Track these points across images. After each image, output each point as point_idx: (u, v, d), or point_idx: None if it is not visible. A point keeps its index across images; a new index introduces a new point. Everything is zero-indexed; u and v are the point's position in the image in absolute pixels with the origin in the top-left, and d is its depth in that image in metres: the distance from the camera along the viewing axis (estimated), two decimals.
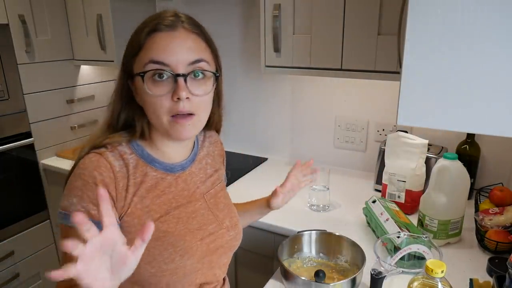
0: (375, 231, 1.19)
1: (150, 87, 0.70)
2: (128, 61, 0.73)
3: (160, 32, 0.70)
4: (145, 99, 0.72)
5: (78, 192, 0.69)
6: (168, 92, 0.70)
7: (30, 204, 1.95)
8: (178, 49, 0.70)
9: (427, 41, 0.76)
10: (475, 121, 0.76)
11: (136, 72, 0.71)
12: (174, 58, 0.69)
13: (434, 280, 0.75)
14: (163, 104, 0.70)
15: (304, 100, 1.80)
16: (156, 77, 0.69)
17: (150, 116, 0.73)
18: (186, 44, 0.71)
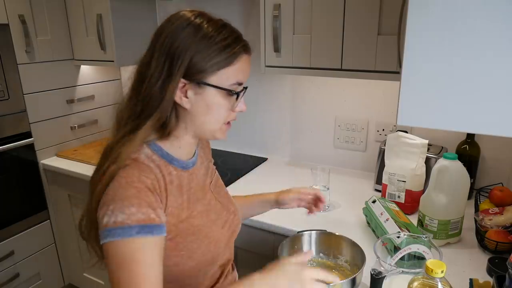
0: (375, 231, 1.19)
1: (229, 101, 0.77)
2: (203, 70, 0.73)
3: (246, 55, 0.77)
4: (212, 108, 0.76)
5: (135, 200, 0.68)
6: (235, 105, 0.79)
7: (30, 204, 1.95)
8: (249, 72, 0.80)
9: (427, 41, 0.76)
10: (475, 121, 0.76)
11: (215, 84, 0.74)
12: (246, 79, 0.79)
13: (434, 280, 0.75)
14: (226, 114, 0.78)
15: (304, 100, 1.80)
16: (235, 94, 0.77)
17: (205, 122, 0.77)
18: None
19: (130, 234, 0.66)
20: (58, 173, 1.93)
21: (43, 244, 2.04)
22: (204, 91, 0.74)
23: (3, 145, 1.77)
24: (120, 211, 0.66)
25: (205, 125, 0.78)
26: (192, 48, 0.72)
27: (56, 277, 2.14)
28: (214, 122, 0.78)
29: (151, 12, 2.03)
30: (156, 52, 0.74)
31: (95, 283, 2.09)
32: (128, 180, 0.69)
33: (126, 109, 0.77)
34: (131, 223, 0.66)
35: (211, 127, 0.79)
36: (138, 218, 0.67)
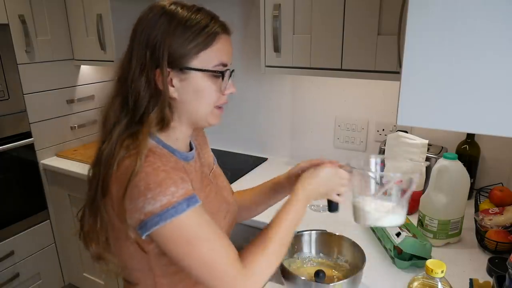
0: (375, 231, 1.19)
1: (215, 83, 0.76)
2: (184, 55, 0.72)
3: (224, 35, 0.76)
4: (199, 93, 0.75)
5: (170, 181, 0.68)
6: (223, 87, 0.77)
7: (30, 204, 1.95)
8: (231, 51, 0.79)
9: (427, 41, 0.76)
10: (475, 121, 0.76)
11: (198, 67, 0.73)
12: (230, 59, 0.78)
13: (434, 280, 0.75)
14: (215, 97, 0.77)
15: (304, 100, 1.80)
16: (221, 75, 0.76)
17: (195, 107, 0.77)
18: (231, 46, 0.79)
19: (182, 209, 0.67)
20: (58, 173, 1.93)
21: (43, 244, 2.04)
22: (189, 76, 0.74)
23: (3, 145, 1.77)
24: (162, 195, 0.67)
25: (196, 111, 0.78)
26: (169, 35, 0.72)
27: (56, 277, 2.14)
28: (205, 106, 0.77)
29: None
30: (135, 47, 0.74)
31: (95, 283, 2.09)
32: (154, 167, 0.69)
33: (113, 108, 0.77)
34: (178, 200, 0.67)
35: (202, 113, 0.78)
36: (181, 194, 0.68)
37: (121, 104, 0.76)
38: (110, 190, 0.72)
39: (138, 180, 0.67)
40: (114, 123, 0.76)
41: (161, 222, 0.67)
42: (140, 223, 0.68)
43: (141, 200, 0.67)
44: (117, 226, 0.74)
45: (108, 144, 0.74)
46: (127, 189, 0.68)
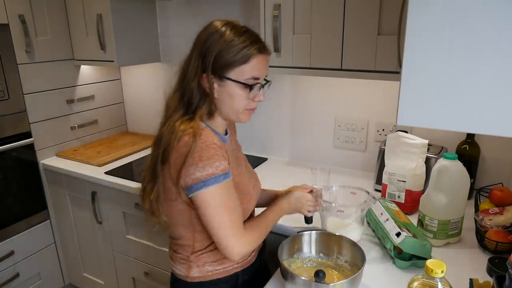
0: (375, 231, 1.19)
1: (246, 92, 0.94)
2: (224, 66, 0.92)
3: (261, 55, 0.93)
4: (232, 97, 0.94)
5: (216, 157, 0.89)
6: (254, 96, 0.96)
7: (30, 204, 1.95)
8: (266, 68, 0.97)
9: (427, 41, 0.76)
10: (475, 121, 0.76)
11: (234, 78, 0.92)
12: (263, 74, 0.96)
13: (434, 280, 0.75)
14: (246, 102, 0.96)
15: (304, 100, 1.80)
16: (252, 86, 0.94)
17: (229, 107, 0.96)
18: (268, 64, 0.98)
19: (220, 180, 0.89)
20: (58, 173, 1.93)
21: (43, 244, 2.04)
22: (226, 83, 0.93)
23: (3, 145, 1.77)
24: (209, 166, 0.88)
25: (230, 110, 0.97)
26: (217, 48, 0.91)
27: (56, 277, 2.15)
28: (236, 108, 0.96)
29: (151, 12, 2.03)
30: (194, 55, 0.95)
31: (95, 283, 2.09)
32: (208, 144, 0.89)
33: (173, 99, 0.98)
34: (219, 173, 0.89)
35: (234, 112, 0.97)
36: (221, 169, 0.90)
37: (179, 98, 0.97)
38: (169, 159, 0.92)
39: (194, 152, 0.88)
40: (172, 112, 0.97)
41: (204, 187, 0.88)
42: (188, 185, 0.89)
43: (193, 168, 0.88)
44: (170, 188, 0.95)
45: (167, 127, 0.94)
46: (185, 158, 0.88)
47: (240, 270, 1.06)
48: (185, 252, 1.05)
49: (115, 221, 1.84)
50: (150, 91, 2.25)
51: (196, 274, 1.03)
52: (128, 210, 1.75)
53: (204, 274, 1.03)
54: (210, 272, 1.03)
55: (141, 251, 1.80)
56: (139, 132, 2.37)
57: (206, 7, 1.90)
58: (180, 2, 1.97)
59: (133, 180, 1.69)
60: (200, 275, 1.03)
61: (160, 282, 1.79)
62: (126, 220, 1.80)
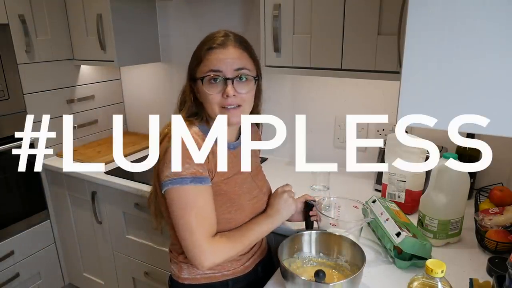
0: (375, 231, 1.19)
1: (207, 87, 0.96)
2: (192, 70, 0.99)
3: (216, 49, 0.95)
4: (203, 96, 0.97)
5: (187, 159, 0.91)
6: (220, 91, 0.95)
7: (30, 204, 1.95)
8: (229, 60, 0.95)
9: (427, 41, 0.76)
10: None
11: (198, 77, 0.97)
12: (225, 66, 0.94)
13: (434, 280, 0.75)
14: (216, 99, 0.96)
15: (304, 100, 1.80)
16: (212, 81, 0.95)
17: (207, 108, 0.98)
18: (233, 56, 0.95)
19: (186, 182, 0.90)
20: (58, 173, 1.93)
21: (43, 244, 2.04)
22: (196, 85, 0.98)
23: (3, 145, 1.77)
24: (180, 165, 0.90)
25: (207, 110, 0.98)
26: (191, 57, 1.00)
27: (56, 277, 2.15)
28: (210, 106, 0.97)
29: (151, 12, 2.03)
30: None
31: (95, 283, 2.09)
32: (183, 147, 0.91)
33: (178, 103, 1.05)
34: (186, 175, 0.90)
35: (211, 111, 0.98)
36: (190, 171, 0.90)
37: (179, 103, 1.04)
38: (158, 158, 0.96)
39: (168, 152, 0.91)
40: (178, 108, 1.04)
41: (170, 185, 0.90)
42: (161, 182, 0.92)
43: (165, 166, 0.91)
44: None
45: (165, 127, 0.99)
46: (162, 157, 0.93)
47: (231, 278, 1.05)
48: (175, 252, 1.07)
49: (115, 221, 1.84)
50: (150, 91, 2.25)
51: (186, 275, 1.04)
52: (128, 210, 1.75)
53: (194, 277, 1.04)
54: (199, 275, 1.04)
55: (141, 251, 1.80)
56: (139, 132, 2.37)
57: (206, 7, 1.90)
58: (180, 2, 1.97)
59: (133, 180, 1.69)
60: (190, 277, 1.04)
61: (160, 282, 1.79)
62: (126, 220, 1.80)
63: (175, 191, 0.91)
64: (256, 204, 1.08)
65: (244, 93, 0.97)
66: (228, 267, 1.05)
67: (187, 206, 0.91)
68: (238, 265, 1.06)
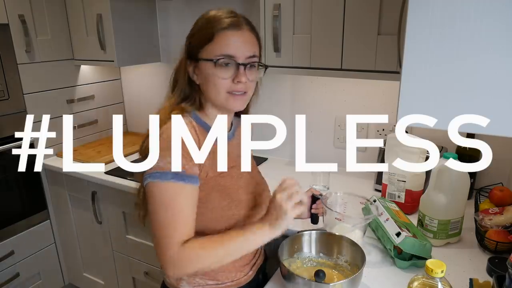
0: (375, 231, 1.19)
1: (219, 71, 0.89)
2: (195, 47, 0.92)
3: (230, 31, 0.89)
4: (208, 79, 0.90)
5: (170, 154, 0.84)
6: (231, 76, 0.90)
7: (30, 204, 1.95)
8: (242, 45, 0.90)
9: (427, 41, 0.76)
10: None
11: (205, 58, 0.90)
12: (239, 52, 0.89)
13: (434, 280, 0.75)
14: (225, 84, 0.90)
15: (304, 100, 1.80)
16: (224, 64, 0.89)
17: (210, 92, 0.92)
18: (247, 41, 0.91)
19: (166, 178, 0.83)
20: (58, 173, 1.93)
21: (43, 244, 2.04)
22: (200, 65, 0.91)
23: (3, 145, 1.77)
24: (160, 159, 0.84)
25: (210, 94, 0.92)
26: (192, 33, 0.94)
27: (56, 277, 2.15)
28: (215, 91, 0.91)
29: (151, 12, 2.03)
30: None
31: (95, 283, 2.09)
32: (167, 135, 0.86)
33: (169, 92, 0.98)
34: (166, 169, 0.83)
35: (215, 96, 0.92)
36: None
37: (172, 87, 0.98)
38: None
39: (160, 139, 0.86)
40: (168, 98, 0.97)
41: (147, 179, 0.85)
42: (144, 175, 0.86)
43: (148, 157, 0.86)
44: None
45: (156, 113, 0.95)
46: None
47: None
48: None
49: (115, 221, 1.84)
50: (150, 91, 2.25)
51: (185, 286, 0.97)
52: (128, 210, 1.75)
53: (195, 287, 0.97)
54: (201, 286, 0.97)
55: (141, 251, 1.80)
56: (139, 132, 2.37)
57: (206, 7, 1.87)
58: (180, 2, 1.97)
59: (133, 180, 1.69)
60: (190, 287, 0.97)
61: (160, 282, 1.78)
62: (126, 220, 1.80)
63: (154, 185, 0.84)
64: (253, 200, 1.03)
65: (251, 80, 0.93)
66: (232, 277, 0.99)
67: (163, 204, 0.84)
68: (242, 275, 1.01)
